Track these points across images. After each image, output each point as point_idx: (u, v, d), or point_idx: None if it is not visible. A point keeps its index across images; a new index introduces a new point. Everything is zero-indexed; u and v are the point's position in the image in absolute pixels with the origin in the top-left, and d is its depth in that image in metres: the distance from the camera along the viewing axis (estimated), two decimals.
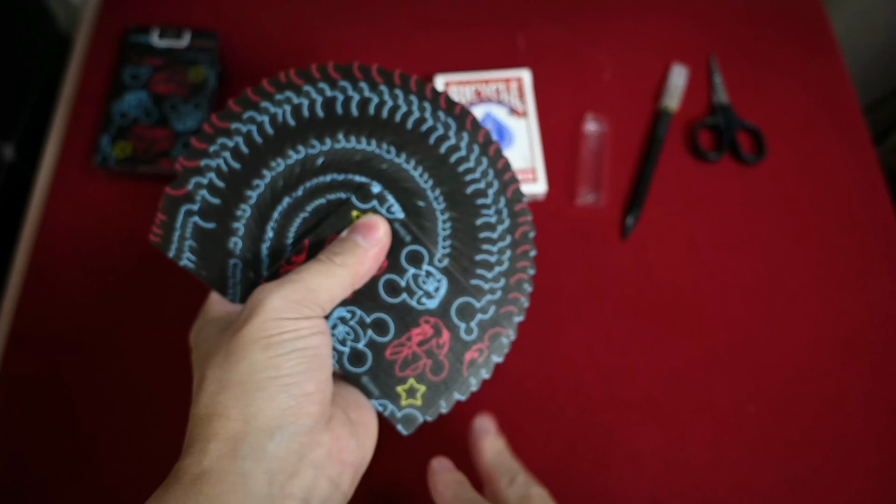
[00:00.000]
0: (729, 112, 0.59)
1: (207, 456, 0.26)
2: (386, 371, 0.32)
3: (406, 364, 0.32)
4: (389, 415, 0.33)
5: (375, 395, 0.32)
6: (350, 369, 0.32)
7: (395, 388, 0.32)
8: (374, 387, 0.32)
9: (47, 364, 0.49)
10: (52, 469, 0.46)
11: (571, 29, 0.63)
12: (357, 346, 0.32)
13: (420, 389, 0.32)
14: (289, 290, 0.29)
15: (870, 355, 0.51)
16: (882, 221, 0.56)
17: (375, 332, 0.32)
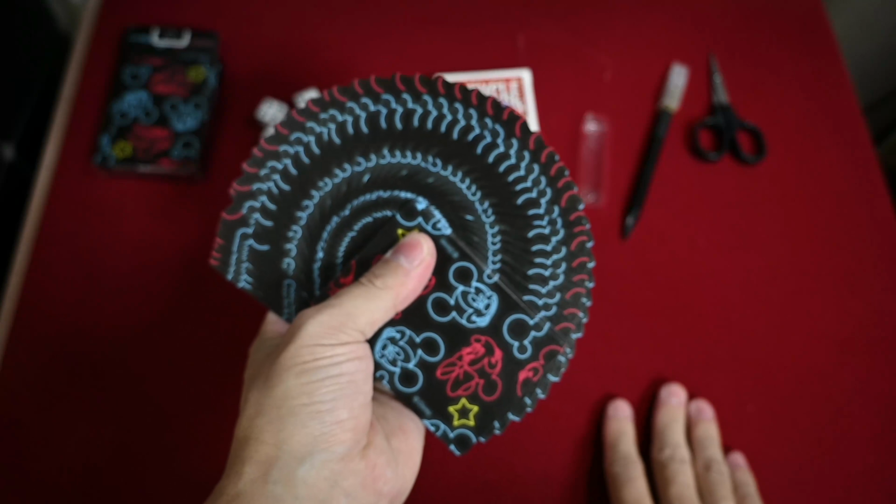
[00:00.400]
0: (729, 112, 0.59)
1: (242, 479, 0.27)
2: (437, 391, 0.31)
3: (458, 384, 0.32)
4: (442, 435, 0.32)
5: (427, 414, 0.32)
6: (401, 389, 0.32)
7: (448, 408, 0.31)
8: (425, 406, 0.32)
9: (47, 364, 0.49)
10: (53, 469, 0.46)
11: (571, 29, 0.63)
12: (408, 366, 0.32)
13: (473, 409, 0.31)
14: (326, 316, 0.29)
15: (869, 355, 0.51)
16: (882, 221, 0.56)
17: (425, 351, 0.32)
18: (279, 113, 0.56)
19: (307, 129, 0.34)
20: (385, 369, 0.32)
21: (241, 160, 0.56)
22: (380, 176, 0.34)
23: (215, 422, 0.48)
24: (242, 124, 0.57)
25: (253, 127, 0.57)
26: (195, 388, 0.49)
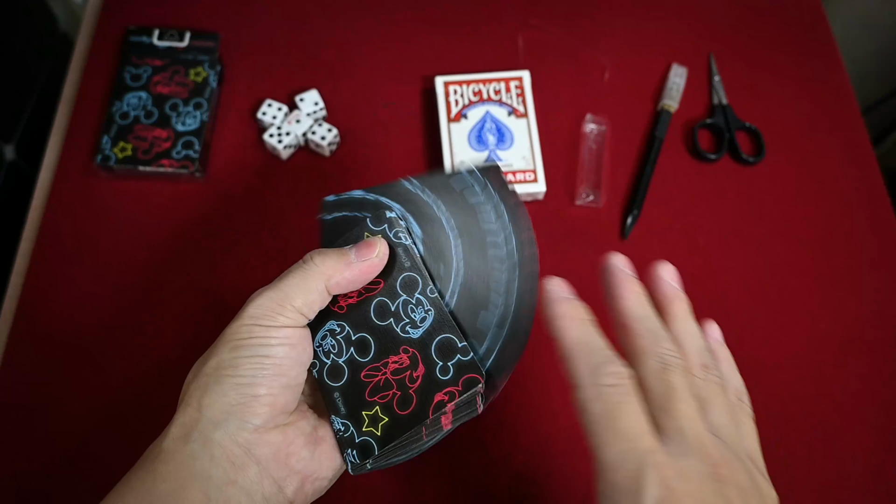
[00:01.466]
0: (728, 112, 0.59)
1: (167, 438, 0.30)
2: (357, 392, 0.31)
3: (377, 390, 0.31)
4: (348, 438, 0.31)
5: (342, 413, 0.32)
6: (326, 382, 0.32)
7: (362, 411, 0.31)
8: (342, 405, 0.32)
9: (47, 364, 0.49)
10: (53, 469, 0.46)
11: (571, 29, 0.63)
12: (338, 360, 0.32)
13: (383, 420, 0.31)
14: (265, 298, 0.32)
15: (869, 355, 0.51)
16: (881, 221, 0.56)
17: (357, 350, 0.32)
18: (279, 113, 0.56)
19: None
20: (318, 359, 0.33)
21: (241, 160, 0.56)
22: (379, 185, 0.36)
23: None
24: (242, 125, 0.58)
25: (253, 127, 0.57)
26: None
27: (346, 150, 0.57)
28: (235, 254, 0.53)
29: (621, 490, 0.24)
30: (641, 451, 0.24)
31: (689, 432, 0.25)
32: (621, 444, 0.25)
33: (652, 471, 0.24)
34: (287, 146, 0.55)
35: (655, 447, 0.25)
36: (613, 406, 0.26)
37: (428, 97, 0.59)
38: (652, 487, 0.23)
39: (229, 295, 0.52)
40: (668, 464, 0.24)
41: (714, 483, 0.24)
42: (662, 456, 0.24)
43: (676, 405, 0.26)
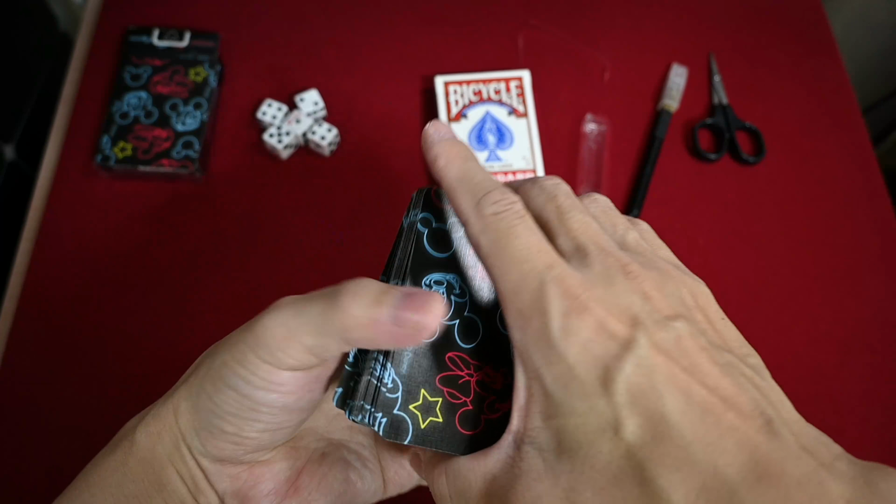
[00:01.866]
0: (728, 112, 0.59)
1: (143, 428, 0.28)
2: (430, 367, 0.25)
3: (451, 383, 0.25)
4: (388, 400, 0.24)
5: (402, 371, 0.25)
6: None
7: (422, 389, 0.25)
8: (406, 364, 0.25)
9: (47, 363, 0.49)
10: (53, 469, 0.46)
11: (571, 29, 0.63)
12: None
13: (437, 418, 0.25)
14: (279, 320, 0.23)
15: (869, 355, 0.51)
16: (882, 221, 0.56)
17: (461, 328, 0.26)
18: (279, 112, 0.56)
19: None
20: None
21: (241, 160, 0.56)
22: None
23: None
24: (242, 124, 0.57)
25: (253, 127, 0.57)
26: None
27: (346, 150, 0.57)
28: (235, 254, 0.53)
29: (526, 314, 0.21)
30: (540, 269, 0.21)
31: (589, 244, 0.22)
32: (517, 266, 0.21)
33: (553, 284, 0.21)
34: (287, 146, 0.55)
35: (555, 261, 0.21)
36: (503, 232, 0.22)
37: (428, 97, 0.59)
38: (555, 300, 0.20)
39: (229, 295, 0.52)
40: (571, 274, 0.21)
41: (626, 281, 0.21)
42: (563, 268, 0.21)
43: (570, 222, 0.23)
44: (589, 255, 0.22)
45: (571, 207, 0.24)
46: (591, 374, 0.20)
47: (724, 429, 0.18)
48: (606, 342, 0.20)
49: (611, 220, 0.26)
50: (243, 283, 0.52)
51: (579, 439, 0.20)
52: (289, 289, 0.53)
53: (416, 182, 0.56)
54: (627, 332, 0.20)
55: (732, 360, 0.21)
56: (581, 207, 0.24)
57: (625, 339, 0.20)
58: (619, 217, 0.26)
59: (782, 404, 0.21)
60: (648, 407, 0.19)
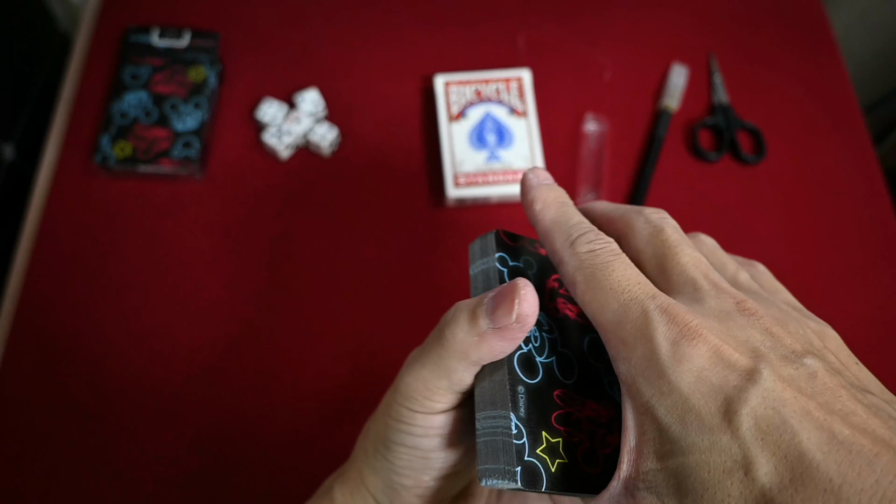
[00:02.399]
0: (729, 112, 0.59)
1: (339, 487, 0.29)
2: (544, 407, 0.24)
3: (566, 421, 0.24)
4: (518, 447, 0.23)
5: (521, 414, 0.23)
6: (515, 369, 0.24)
7: (543, 431, 0.24)
8: (523, 405, 0.24)
9: (47, 364, 0.49)
10: (53, 469, 0.46)
11: (571, 29, 0.63)
12: (536, 356, 0.25)
13: (563, 458, 0.24)
14: (415, 374, 0.25)
15: (869, 354, 0.51)
16: (882, 221, 0.56)
17: (560, 363, 0.26)
18: (279, 112, 0.56)
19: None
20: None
21: (241, 160, 0.56)
22: None
23: (214, 421, 0.48)
24: (242, 124, 0.57)
25: (253, 127, 0.57)
26: (195, 386, 0.49)
27: (346, 150, 0.57)
28: (235, 254, 0.53)
29: (630, 343, 0.20)
30: (641, 297, 0.20)
31: (701, 279, 0.21)
32: (616, 297, 0.21)
33: (658, 311, 0.20)
34: (287, 146, 0.55)
35: (658, 292, 0.21)
36: (599, 267, 0.22)
37: (428, 97, 0.59)
38: (661, 326, 0.19)
39: (229, 295, 0.52)
40: (678, 304, 0.20)
41: (742, 317, 0.20)
42: (669, 299, 0.20)
43: (680, 256, 0.22)
44: (700, 289, 0.21)
45: (680, 241, 0.23)
46: (711, 405, 0.18)
47: (881, 473, 0.16)
48: (725, 371, 0.18)
49: (720, 259, 0.25)
50: (243, 283, 0.52)
51: (703, 480, 0.17)
52: (288, 288, 0.53)
53: (416, 183, 0.56)
54: (749, 363, 0.18)
55: (879, 402, 0.18)
56: (690, 243, 0.23)
57: (746, 369, 0.18)
58: (727, 257, 0.25)
59: None
60: (782, 444, 0.17)
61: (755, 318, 0.20)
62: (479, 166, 0.54)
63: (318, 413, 0.48)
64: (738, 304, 0.20)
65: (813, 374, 0.18)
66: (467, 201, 0.55)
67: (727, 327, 0.19)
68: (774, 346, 0.19)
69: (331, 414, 0.48)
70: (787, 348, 0.19)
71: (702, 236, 0.26)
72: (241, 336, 0.50)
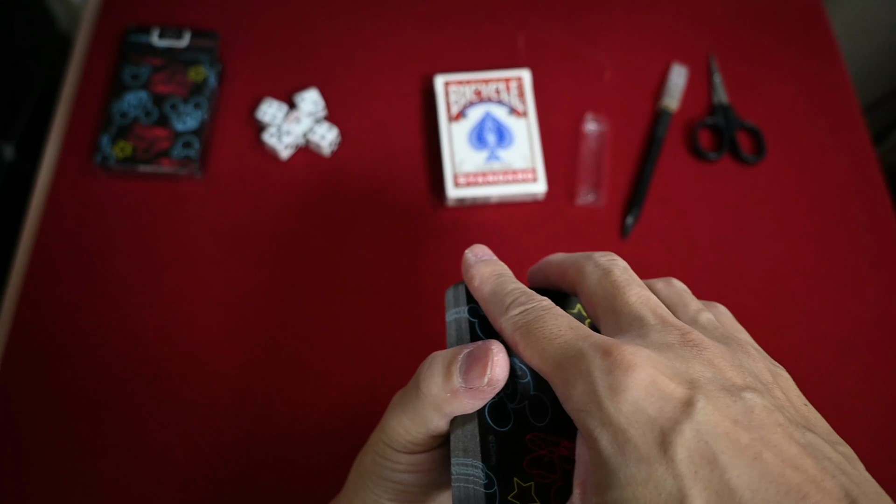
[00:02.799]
0: (729, 112, 0.59)
1: None
2: (516, 453, 0.25)
3: (538, 464, 0.25)
4: (488, 496, 0.24)
5: (492, 463, 0.24)
6: (486, 419, 0.25)
7: (514, 477, 0.24)
8: (494, 454, 0.24)
9: (47, 364, 0.49)
10: (53, 469, 0.46)
11: (571, 29, 0.63)
12: (507, 403, 0.26)
13: (536, 502, 0.24)
14: (397, 414, 0.26)
15: (869, 354, 0.51)
16: (882, 221, 0.56)
17: (531, 408, 0.26)
18: (279, 112, 0.56)
19: None
20: None
21: (241, 160, 0.56)
22: None
23: (214, 421, 0.48)
24: (242, 124, 0.57)
25: (253, 127, 0.57)
26: (194, 386, 0.49)
27: (346, 150, 0.57)
28: (235, 253, 0.53)
29: (571, 381, 0.20)
30: (573, 339, 0.21)
31: (648, 315, 0.21)
32: (551, 343, 0.21)
33: (592, 348, 0.20)
34: (287, 146, 0.55)
35: (592, 333, 0.21)
36: (531, 323, 0.22)
37: (428, 96, 0.59)
38: (597, 360, 0.19)
39: (229, 295, 0.52)
40: (614, 341, 0.20)
41: (685, 348, 0.20)
42: (604, 337, 0.21)
43: (625, 297, 0.22)
44: (645, 325, 0.21)
45: (628, 281, 0.23)
46: (648, 436, 0.18)
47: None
48: (661, 402, 0.18)
49: (683, 300, 0.25)
50: (243, 283, 0.52)
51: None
52: (288, 288, 0.53)
53: (416, 183, 0.56)
54: (685, 393, 0.18)
55: (817, 441, 0.18)
56: (639, 282, 0.23)
57: (682, 399, 0.18)
58: (692, 299, 0.25)
59: (880, 499, 0.17)
60: (713, 480, 0.17)
61: (698, 350, 0.20)
62: (478, 166, 0.54)
63: (317, 412, 0.48)
64: (682, 336, 0.20)
65: (751, 408, 0.18)
66: (467, 201, 0.55)
67: (667, 358, 0.19)
68: (715, 378, 0.19)
69: (330, 413, 0.48)
70: (727, 381, 0.19)
71: (673, 280, 0.26)
72: (241, 335, 0.50)
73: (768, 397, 0.19)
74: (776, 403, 0.19)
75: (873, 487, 0.17)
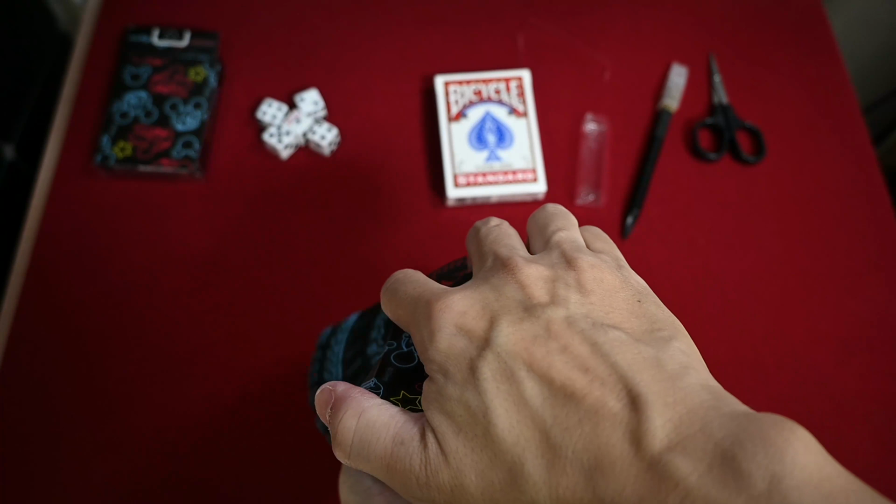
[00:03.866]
0: (729, 112, 0.59)
1: None
2: (407, 378, 0.27)
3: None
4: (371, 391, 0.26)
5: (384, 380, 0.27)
6: (392, 361, 0.27)
7: (401, 389, 0.27)
8: (388, 375, 0.27)
9: (47, 364, 0.49)
10: (53, 469, 0.46)
11: (571, 29, 0.63)
12: (415, 353, 0.28)
13: (419, 407, 0.26)
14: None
15: (869, 354, 0.51)
16: (882, 221, 0.56)
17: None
18: (279, 112, 0.56)
19: None
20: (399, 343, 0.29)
21: (241, 160, 0.56)
22: None
23: (213, 421, 0.48)
24: (242, 124, 0.57)
25: (253, 127, 0.57)
26: (194, 386, 0.49)
27: (346, 150, 0.57)
28: (235, 253, 0.53)
29: (412, 332, 0.23)
30: (415, 297, 0.23)
31: (489, 254, 0.24)
32: (405, 304, 0.24)
33: (421, 301, 0.23)
34: (287, 146, 0.55)
35: (431, 287, 0.23)
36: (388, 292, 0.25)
37: (428, 97, 0.59)
38: (422, 309, 0.23)
39: (229, 294, 0.52)
40: (442, 289, 0.23)
41: (501, 275, 0.22)
42: (434, 288, 0.23)
43: (483, 244, 0.25)
44: (485, 265, 0.24)
45: (488, 232, 0.26)
46: (461, 366, 0.21)
47: (584, 413, 0.18)
48: (467, 337, 0.21)
49: (545, 223, 0.26)
50: (243, 283, 0.52)
51: (460, 424, 0.20)
52: (289, 287, 0.53)
53: (416, 183, 0.56)
54: (486, 325, 0.21)
55: (618, 335, 0.20)
56: (499, 231, 0.26)
57: (484, 330, 0.21)
58: (557, 219, 0.26)
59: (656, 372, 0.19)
60: (512, 392, 0.19)
61: (512, 275, 0.22)
62: (479, 166, 0.54)
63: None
64: (502, 266, 0.23)
65: (548, 322, 0.20)
66: (467, 201, 0.55)
67: (480, 292, 0.22)
68: (521, 300, 0.21)
69: None
70: (532, 300, 0.21)
71: (549, 207, 0.28)
72: (241, 335, 0.50)
73: (574, 306, 0.21)
74: (582, 311, 0.21)
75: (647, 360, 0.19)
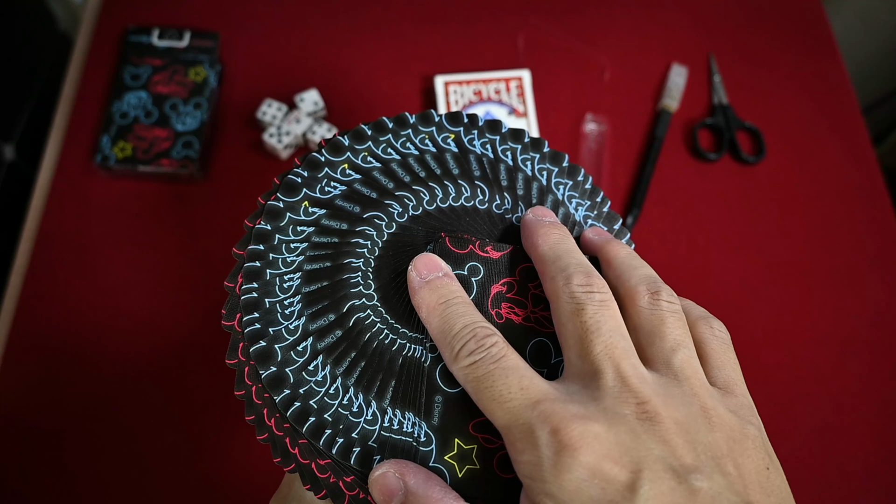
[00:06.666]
0: (728, 112, 0.59)
1: None
2: (462, 414, 0.24)
3: (484, 428, 0.24)
4: (422, 453, 0.23)
5: (434, 423, 0.24)
6: (437, 379, 0.24)
7: (456, 438, 0.24)
8: (438, 415, 0.24)
9: (47, 364, 0.49)
10: (52, 469, 0.46)
11: (571, 29, 0.63)
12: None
13: (474, 465, 0.23)
14: None
15: (869, 354, 0.51)
16: (882, 221, 0.56)
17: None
18: (279, 112, 0.56)
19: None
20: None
21: (241, 160, 0.56)
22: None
23: (213, 421, 0.48)
24: (242, 124, 0.57)
25: (253, 127, 0.57)
26: (194, 386, 0.49)
27: None
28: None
29: (519, 448, 0.20)
30: (521, 408, 0.20)
31: (607, 373, 0.21)
32: (500, 407, 0.21)
33: (539, 421, 0.20)
34: (287, 146, 0.55)
35: (542, 396, 0.20)
36: (480, 381, 0.21)
37: (428, 97, 0.59)
38: (544, 436, 0.19)
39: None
40: (562, 409, 0.20)
41: (638, 422, 0.19)
42: (551, 404, 0.20)
43: (592, 346, 0.21)
44: (602, 386, 0.20)
45: (598, 326, 0.22)
46: None
47: None
48: (603, 485, 0.18)
49: (661, 331, 0.23)
50: None
51: None
52: None
53: None
54: (629, 478, 0.18)
55: None
56: (611, 325, 0.22)
57: (626, 483, 0.18)
58: (675, 326, 0.23)
59: None
60: None
61: (652, 425, 0.19)
62: None
63: None
64: (638, 407, 0.20)
65: (695, 492, 0.18)
66: None
67: (616, 433, 0.19)
68: (663, 457, 0.19)
69: None
70: (677, 460, 0.19)
71: (663, 293, 0.25)
72: None
73: (717, 477, 0.19)
74: (725, 482, 0.19)
75: None
